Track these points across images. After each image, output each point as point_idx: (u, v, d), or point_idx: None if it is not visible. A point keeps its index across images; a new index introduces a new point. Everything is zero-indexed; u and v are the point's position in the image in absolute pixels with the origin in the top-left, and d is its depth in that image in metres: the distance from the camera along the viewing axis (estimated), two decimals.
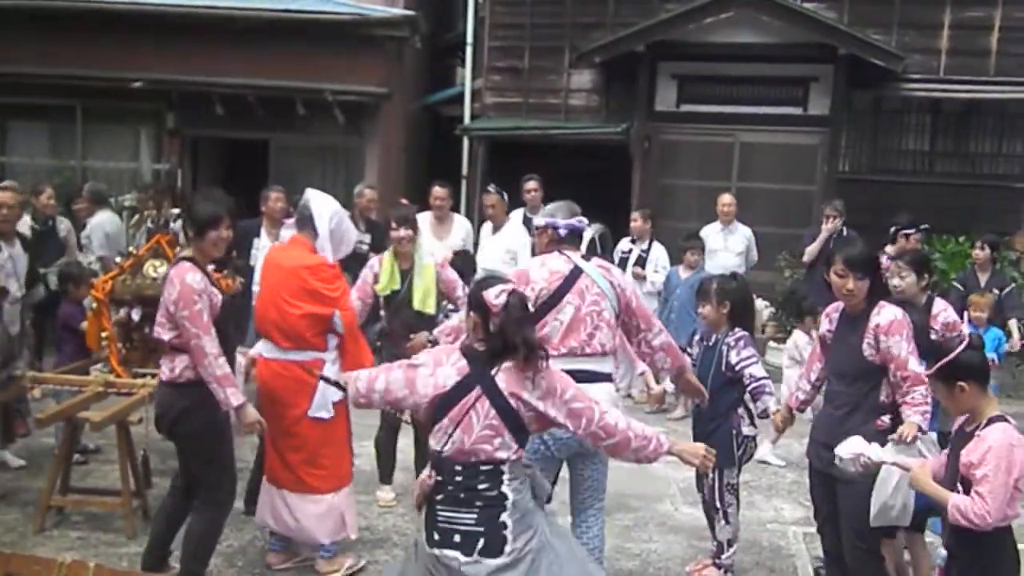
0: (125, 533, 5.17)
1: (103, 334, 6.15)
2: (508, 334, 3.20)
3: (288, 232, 4.90)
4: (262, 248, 7.59)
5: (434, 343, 4.47)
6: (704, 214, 9.82)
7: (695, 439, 4.95)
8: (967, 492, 3.21)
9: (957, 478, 3.28)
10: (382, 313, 5.73)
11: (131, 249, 6.64)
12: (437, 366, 3.31)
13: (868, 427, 3.92)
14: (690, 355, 4.95)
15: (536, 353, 3.21)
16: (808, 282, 8.94)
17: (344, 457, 4.89)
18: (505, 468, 3.23)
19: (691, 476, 5.65)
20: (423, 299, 5.56)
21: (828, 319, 4.33)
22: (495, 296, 3.23)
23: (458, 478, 3.22)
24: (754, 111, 11.29)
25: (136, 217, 8.86)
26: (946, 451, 3.51)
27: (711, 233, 9.11)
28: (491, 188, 8.13)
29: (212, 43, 10.58)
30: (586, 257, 4.37)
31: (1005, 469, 3.15)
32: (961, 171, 11.95)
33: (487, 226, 8.18)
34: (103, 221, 8.64)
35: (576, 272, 4.17)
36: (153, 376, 5.86)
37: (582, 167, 12.86)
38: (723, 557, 4.94)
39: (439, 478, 3.26)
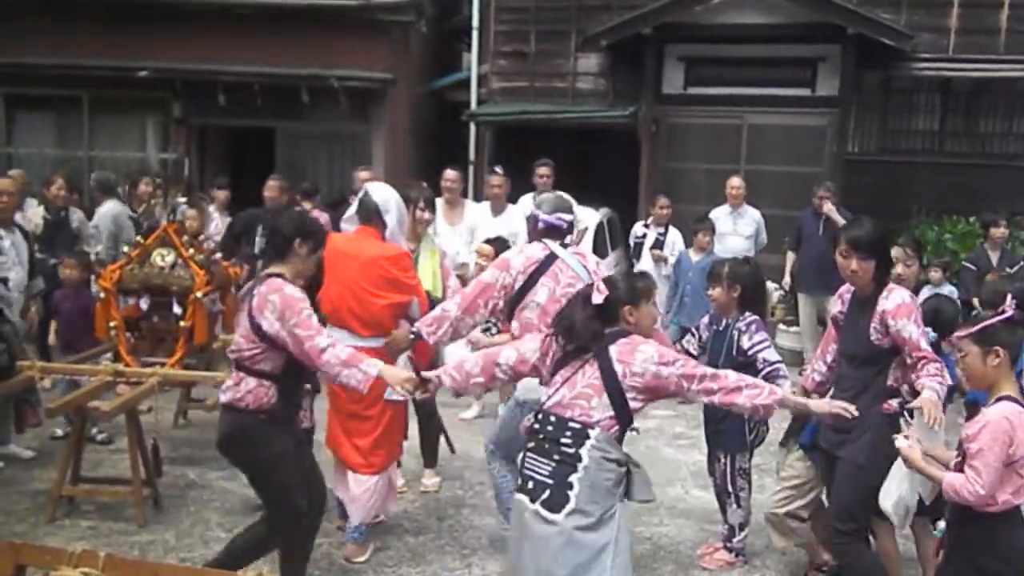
0: (136, 522, 5.19)
1: (111, 324, 6.16)
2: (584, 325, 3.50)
3: (349, 225, 4.98)
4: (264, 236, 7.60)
5: (417, 336, 4.48)
6: (713, 197, 9.78)
7: (707, 424, 4.96)
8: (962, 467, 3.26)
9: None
10: None
11: (138, 238, 6.64)
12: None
13: (874, 410, 3.90)
14: (699, 338, 4.94)
15: (599, 341, 3.45)
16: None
17: (399, 438, 5.08)
18: (592, 433, 3.34)
19: (701, 460, 5.64)
20: (433, 281, 5.54)
21: (840, 300, 4.28)
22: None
23: (549, 428, 3.41)
24: (762, 93, 11.22)
25: (144, 206, 8.86)
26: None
27: (720, 216, 9.08)
28: (498, 169, 8.11)
29: (217, 32, 10.56)
30: (565, 245, 4.58)
31: (1000, 445, 3.18)
32: (971, 151, 11.86)
33: (485, 207, 8.13)
34: (110, 210, 8.65)
35: (551, 258, 4.45)
36: (162, 365, 5.89)
37: (589, 151, 12.84)
38: (735, 540, 4.95)
39: (536, 427, 3.47)
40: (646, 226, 9.04)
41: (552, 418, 3.41)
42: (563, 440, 3.35)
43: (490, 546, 5.08)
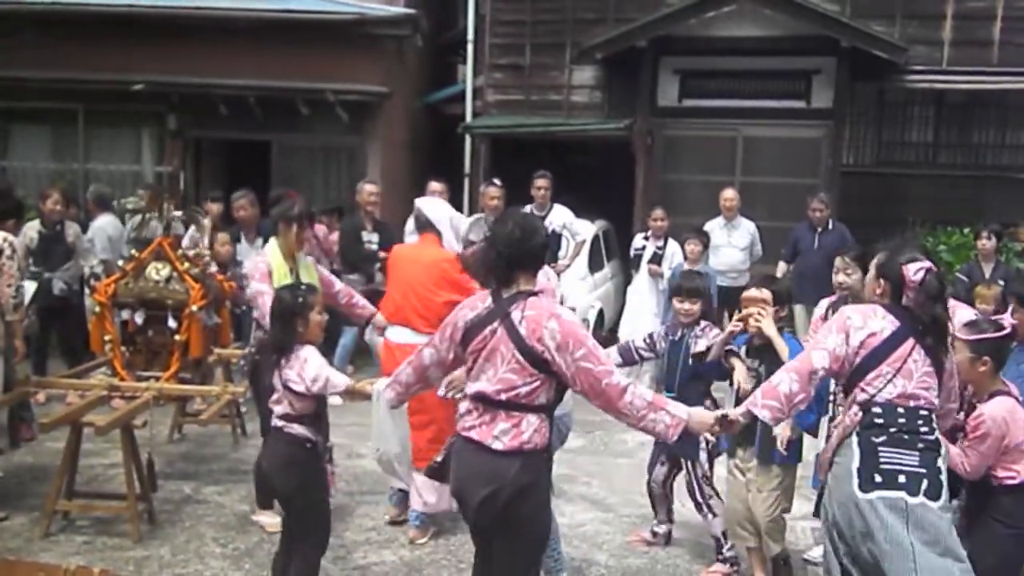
0: (131, 537, 5.18)
1: (106, 338, 6.14)
2: (922, 309, 3.45)
3: (412, 237, 5.61)
4: (244, 253, 7.73)
5: None
6: (708, 209, 9.79)
7: None
8: None
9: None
10: None
11: (133, 252, 6.62)
12: (867, 319, 3.49)
13: None
14: (654, 346, 5.12)
15: (944, 332, 3.47)
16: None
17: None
18: (935, 415, 3.46)
19: None
20: None
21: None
22: (914, 272, 3.44)
23: (901, 420, 3.38)
24: (757, 105, 11.24)
25: (138, 220, 8.85)
26: None
27: (715, 228, 9.11)
28: (496, 181, 8.15)
29: (212, 44, 10.56)
30: None
31: (994, 439, 3.72)
32: (965, 162, 11.89)
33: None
34: (105, 224, 8.65)
35: None
36: (157, 379, 5.87)
37: (585, 163, 12.86)
38: (724, 551, 4.99)
39: (878, 421, 3.39)
40: (645, 238, 9.05)
41: (901, 410, 3.39)
42: (921, 429, 3.38)
43: None
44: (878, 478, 3.33)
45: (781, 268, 9.40)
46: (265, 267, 5.21)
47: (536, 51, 12.37)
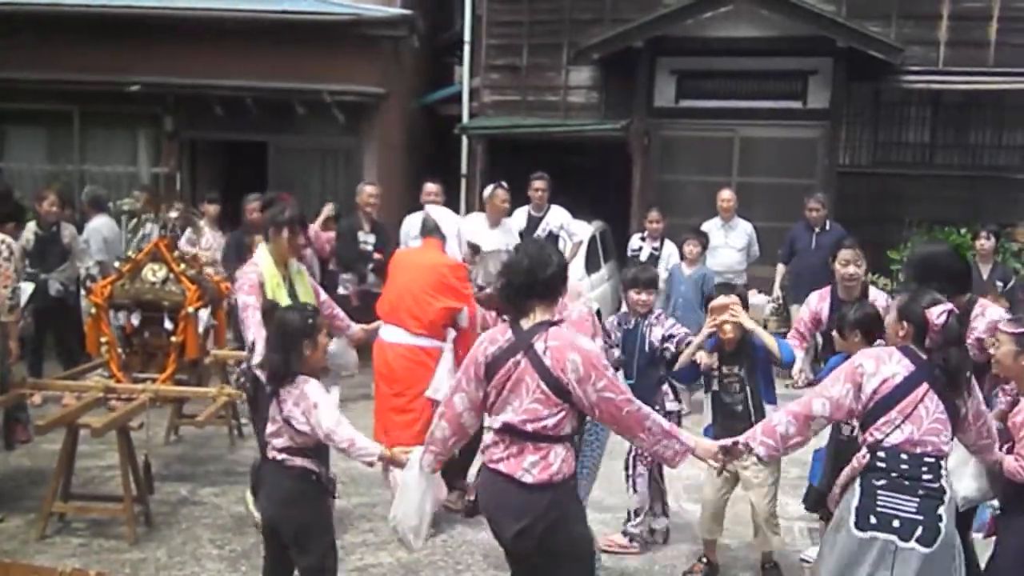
0: (127, 539, 5.16)
1: (103, 339, 6.13)
2: (938, 351, 3.45)
3: (415, 242, 5.74)
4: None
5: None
6: (705, 209, 9.79)
7: None
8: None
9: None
10: None
11: (130, 253, 6.62)
12: (880, 364, 3.50)
13: None
14: (610, 336, 5.24)
15: (958, 374, 3.44)
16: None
17: None
18: (943, 463, 3.45)
19: (695, 474, 5.64)
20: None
21: None
22: (937, 315, 3.44)
23: (904, 467, 3.40)
24: (754, 105, 11.24)
25: (134, 221, 8.84)
26: None
27: (712, 229, 9.11)
28: (503, 184, 8.17)
29: (208, 45, 10.55)
30: None
31: None
32: (962, 163, 11.90)
33: (479, 219, 8.18)
34: (100, 226, 8.63)
35: None
36: (153, 381, 5.86)
37: (582, 164, 12.85)
38: (628, 525, 5.26)
39: (881, 465, 3.43)
40: (642, 239, 9.05)
41: (904, 456, 3.41)
42: (924, 476, 3.40)
43: (483, 561, 5.06)
44: (873, 520, 3.41)
45: (780, 270, 9.39)
46: (256, 277, 4.92)
47: (533, 52, 12.37)
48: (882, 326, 4.39)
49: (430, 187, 8.27)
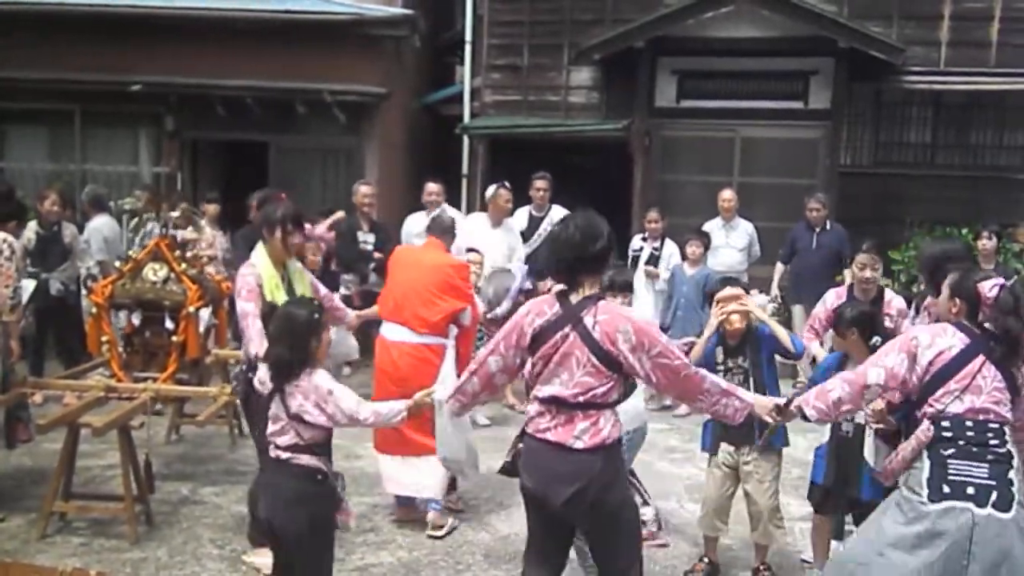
0: (128, 539, 5.16)
1: (104, 339, 6.14)
2: (995, 324, 3.47)
3: (419, 239, 5.75)
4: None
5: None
6: (706, 209, 9.79)
7: None
8: None
9: None
10: None
11: (131, 253, 6.62)
12: (935, 337, 3.52)
13: None
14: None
15: (1016, 345, 3.44)
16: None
17: None
18: (1007, 429, 3.45)
19: (696, 473, 5.65)
20: None
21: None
22: (989, 289, 3.49)
23: (970, 433, 3.41)
24: (755, 106, 11.23)
25: (135, 220, 8.86)
26: None
27: (713, 229, 9.11)
28: (506, 184, 8.20)
29: (210, 45, 10.55)
30: None
31: None
32: (963, 163, 11.88)
33: (481, 218, 8.19)
34: (101, 225, 8.64)
35: None
36: (154, 380, 5.86)
37: (583, 164, 12.85)
38: None
39: (947, 434, 3.43)
40: (643, 239, 9.04)
41: (969, 423, 3.43)
42: (990, 442, 3.40)
43: (484, 561, 5.07)
44: (947, 488, 3.38)
45: (779, 270, 9.40)
46: (253, 280, 4.78)
47: (534, 52, 12.36)
48: (878, 325, 4.41)
49: (431, 187, 8.30)
